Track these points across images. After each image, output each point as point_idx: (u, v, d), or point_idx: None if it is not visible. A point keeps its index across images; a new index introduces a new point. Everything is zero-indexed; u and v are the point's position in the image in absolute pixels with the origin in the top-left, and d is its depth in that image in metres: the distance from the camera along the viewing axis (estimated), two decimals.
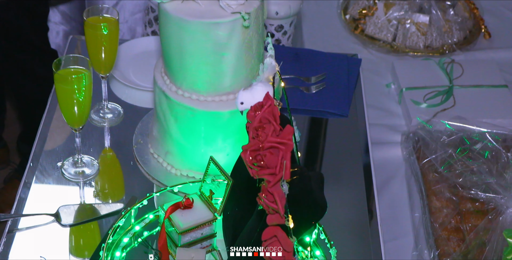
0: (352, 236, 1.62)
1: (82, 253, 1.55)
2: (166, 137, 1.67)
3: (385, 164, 1.93)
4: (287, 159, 1.10)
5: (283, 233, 1.11)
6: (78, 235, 1.58)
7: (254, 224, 1.26)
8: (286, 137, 1.12)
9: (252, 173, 1.14)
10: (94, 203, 1.63)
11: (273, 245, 1.12)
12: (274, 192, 1.10)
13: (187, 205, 1.49)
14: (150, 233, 1.56)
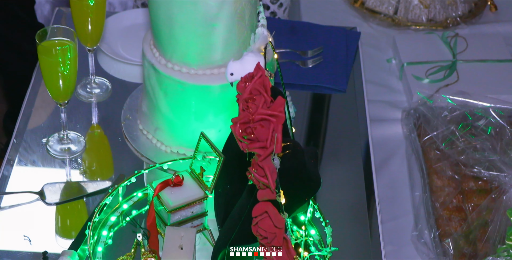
0: (349, 215, 1.62)
1: (68, 232, 1.54)
2: (156, 113, 1.66)
3: (384, 142, 1.93)
4: (279, 132, 1.10)
5: (274, 209, 1.11)
6: (64, 214, 1.58)
7: (245, 201, 1.26)
8: (278, 109, 1.11)
9: (242, 146, 1.14)
10: (81, 181, 1.63)
11: (264, 221, 1.12)
12: (264, 166, 1.09)
13: (177, 183, 1.49)
14: (138, 212, 1.56)
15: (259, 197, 1.13)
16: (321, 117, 1.85)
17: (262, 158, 1.10)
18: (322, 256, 1.46)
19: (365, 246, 1.54)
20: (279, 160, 1.12)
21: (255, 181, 1.12)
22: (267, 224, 1.11)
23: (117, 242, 1.49)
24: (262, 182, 1.10)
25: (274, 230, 1.11)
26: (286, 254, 1.12)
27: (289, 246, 1.11)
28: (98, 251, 1.44)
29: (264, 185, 1.11)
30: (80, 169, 1.66)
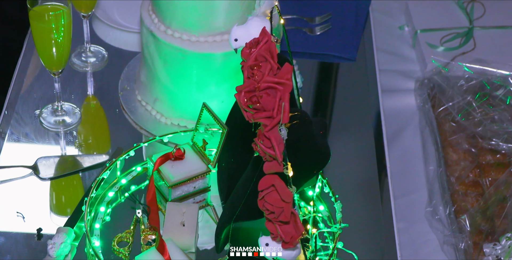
0: (360, 190, 1.62)
1: (63, 209, 1.54)
2: (155, 83, 1.65)
3: (397, 113, 1.92)
4: (286, 101, 1.09)
5: (281, 182, 1.11)
6: (59, 189, 1.58)
7: (250, 174, 1.25)
8: (285, 76, 1.10)
9: (247, 116, 1.13)
10: (76, 154, 1.62)
11: (271, 195, 1.11)
12: (271, 136, 1.09)
13: (178, 156, 1.49)
14: (137, 187, 1.56)
15: (265, 170, 1.12)
16: (330, 87, 1.84)
17: (268, 128, 1.09)
18: (331, 233, 1.46)
19: (376, 223, 1.54)
20: (287, 131, 1.11)
21: (261, 152, 1.12)
22: (274, 198, 1.11)
23: (115, 219, 1.49)
24: (269, 153, 1.10)
25: (281, 204, 1.10)
26: (294, 229, 1.12)
27: (297, 221, 1.11)
28: (96, 228, 1.44)
29: (271, 156, 1.10)
30: (76, 142, 1.65)
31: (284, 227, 1.12)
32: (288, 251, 1.16)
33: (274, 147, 1.08)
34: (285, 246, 1.14)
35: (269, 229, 1.14)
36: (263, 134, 1.10)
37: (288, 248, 1.15)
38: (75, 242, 1.44)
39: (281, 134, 1.10)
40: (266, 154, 1.11)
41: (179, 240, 1.39)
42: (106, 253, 1.41)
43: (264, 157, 1.12)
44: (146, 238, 1.44)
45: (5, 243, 1.44)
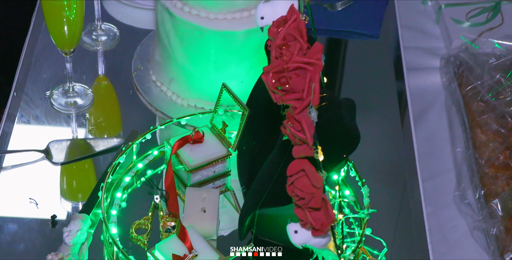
0: (386, 174, 1.62)
1: (77, 195, 1.55)
2: (171, 62, 1.65)
3: (421, 93, 1.91)
4: (316, 82, 1.09)
5: (311, 167, 1.10)
6: (71, 174, 1.58)
7: (277, 158, 1.25)
8: (315, 56, 1.10)
9: (276, 98, 1.13)
10: (89, 138, 1.63)
11: (301, 180, 1.11)
12: (301, 119, 1.08)
13: (197, 139, 1.49)
14: (154, 172, 1.56)
15: (294, 154, 1.12)
16: (353, 66, 1.84)
17: (298, 110, 1.09)
18: (357, 219, 1.46)
19: (405, 208, 1.54)
20: (317, 113, 1.11)
21: (290, 136, 1.11)
22: (304, 184, 1.11)
23: (131, 205, 1.49)
24: (299, 137, 1.09)
25: (311, 190, 1.10)
26: (325, 216, 1.12)
27: (328, 207, 1.11)
28: (113, 215, 1.45)
29: (301, 140, 1.10)
30: (88, 125, 1.65)
31: (315, 213, 1.12)
32: (318, 238, 1.16)
33: (305, 130, 1.07)
34: (316, 233, 1.14)
35: (298, 215, 1.14)
36: (293, 117, 1.09)
37: (318, 235, 1.15)
38: (90, 230, 1.44)
39: (311, 116, 1.10)
40: (295, 138, 1.10)
41: (200, 227, 1.39)
42: (123, 240, 1.41)
43: (293, 141, 1.12)
44: (165, 225, 1.44)
45: (18, 230, 1.45)
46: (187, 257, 1.32)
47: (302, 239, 1.17)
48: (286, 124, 1.11)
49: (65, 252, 1.36)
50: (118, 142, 1.60)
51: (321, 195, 1.11)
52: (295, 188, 1.13)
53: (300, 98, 1.09)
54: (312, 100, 1.09)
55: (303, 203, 1.12)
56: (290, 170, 1.13)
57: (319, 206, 1.11)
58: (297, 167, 1.12)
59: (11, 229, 1.45)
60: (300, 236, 1.17)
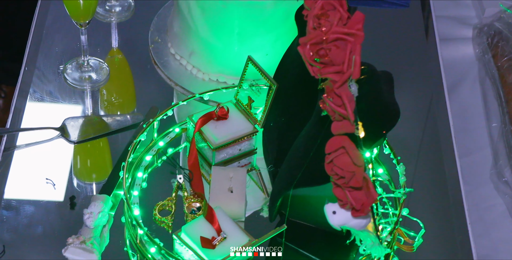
0: (421, 150, 1.61)
1: (93, 175, 1.55)
2: (191, 34, 1.65)
3: (453, 64, 1.91)
4: (357, 54, 1.08)
5: (352, 144, 1.10)
6: (88, 153, 1.58)
7: (313, 134, 1.25)
8: (355, 26, 1.09)
9: (313, 71, 1.12)
10: (107, 114, 1.63)
11: (341, 158, 1.11)
12: (342, 94, 1.08)
13: (222, 116, 1.49)
14: (175, 150, 1.56)
15: (334, 130, 1.12)
16: (383, 37, 1.83)
17: (338, 84, 1.09)
18: (393, 199, 1.46)
19: (442, 186, 1.54)
20: (357, 87, 1.10)
21: (330, 111, 1.11)
22: (344, 162, 1.11)
23: (152, 185, 1.49)
24: (339, 112, 1.09)
25: (352, 168, 1.10)
26: (366, 196, 1.12)
27: (369, 187, 1.11)
28: (134, 196, 1.45)
29: (341, 116, 1.10)
30: (104, 101, 1.65)
31: (355, 193, 1.12)
32: (358, 219, 1.17)
33: (346, 105, 1.07)
34: (356, 214, 1.14)
35: (337, 195, 1.15)
36: (333, 91, 1.09)
37: (358, 216, 1.15)
38: (111, 211, 1.44)
39: (351, 90, 1.10)
40: (335, 113, 1.10)
41: (228, 208, 1.39)
42: (146, 222, 1.41)
43: (332, 116, 1.12)
44: (190, 206, 1.45)
45: (35, 213, 1.45)
46: (215, 239, 1.32)
47: (341, 220, 1.18)
48: (325, 99, 1.11)
49: (87, 235, 1.37)
50: (136, 118, 1.60)
51: (363, 173, 1.11)
52: (334, 166, 1.13)
53: (340, 72, 1.09)
54: (353, 73, 1.09)
55: (343, 182, 1.12)
56: (329, 147, 1.13)
57: (360, 185, 1.11)
58: (336, 144, 1.12)
59: (28, 211, 1.45)
60: (338, 217, 1.18)
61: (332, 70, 1.10)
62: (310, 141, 1.25)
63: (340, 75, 1.09)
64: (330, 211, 1.18)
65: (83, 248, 1.35)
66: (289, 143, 1.40)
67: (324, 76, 1.11)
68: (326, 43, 1.10)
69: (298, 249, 1.40)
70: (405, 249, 1.40)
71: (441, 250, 1.46)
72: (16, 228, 1.43)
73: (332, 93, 1.10)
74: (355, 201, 1.13)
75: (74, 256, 1.35)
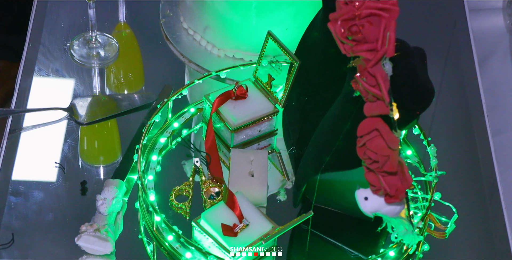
0: (452, 129, 1.61)
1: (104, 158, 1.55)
2: (205, 8, 1.64)
3: (482, 37, 1.90)
4: (392, 30, 1.08)
5: (386, 126, 1.10)
6: (98, 135, 1.59)
7: (342, 116, 1.25)
8: (390, 1, 1.09)
9: (345, 49, 1.12)
10: (117, 93, 1.63)
11: (374, 141, 1.11)
12: (376, 73, 1.08)
13: (240, 95, 1.49)
14: (190, 131, 1.56)
15: (367, 112, 1.12)
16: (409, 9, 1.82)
17: (372, 63, 1.09)
18: (423, 182, 1.47)
19: (475, 167, 1.54)
20: (391, 65, 1.10)
21: (363, 91, 1.11)
22: (377, 145, 1.11)
23: (167, 169, 1.50)
24: (373, 93, 1.09)
25: (387, 152, 1.10)
26: (401, 181, 1.12)
27: (404, 171, 1.11)
28: (149, 180, 1.45)
29: (375, 96, 1.10)
30: (113, 80, 1.65)
31: (389, 178, 1.13)
32: (392, 206, 1.17)
33: (380, 85, 1.07)
34: (390, 200, 1.15)
35: (370, 180, 1.15)
36: (366, 70, 1.09)
37: (392, 202, 1.15)
38: (125, 197, 1.45)
39: (385, 69, 1.10)
40: (369, 93, 1.10)
41: (249, 193, 1.40)
42: (162, 209, 1.42)
43: (365, 97, 1.12)
44: (209, 191, 1.45)
45: (45, 199, 1.46)
46: (237, 226, 1.33)
47: (374, 207, 1.18)
48: (358, 79, 1.11)
49: (101, 223, 1.37)
50: (149, 98, 1.60)
51: (397, 157, 1.11)
52: (367, 149, 1.13)
53: (374, 49, 1.09)
54: (387, 51, 1.09)
55: (377, 166, 1.13)
56: (361, 130, 1.13)
57: (395, 170, 1.11)
58: (369, 126, 1.12)
59: (37, 197, 1.46)
60: (371, 203, 1.18)
61: (365, 48, 1.09)
62: (340, 122, 1.25)
63: (374, 53, 1.09)
64: (361, 197, 1.19)
65: (97, 236, 1.35)
66: (313, 124, 1.40)
67: (357, 54, 1.11)
68: (358, 19, 1.09)
69: (324, 236, 1.41)
70: (436, 235, 1.41)
71: (475, 236, 1.46)
72: (25, 215, 1.43)
73: (366, 73, 1.10)
74: (389, 187, 1.13)
75: (88, 245, 1.36)
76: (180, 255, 1.36)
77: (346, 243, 1.40)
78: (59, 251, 1.39)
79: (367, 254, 1.36)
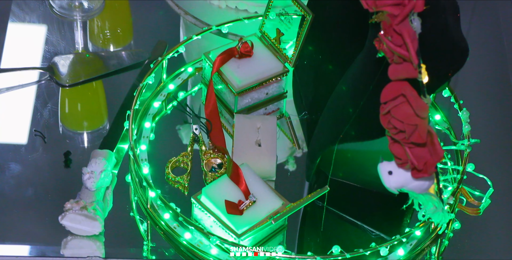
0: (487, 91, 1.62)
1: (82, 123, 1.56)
2: None
3: None
4: None
5: (413, 92, 1.11)
6: (82, 98, 1.59)
7: (364, 79, 1.25)
8: None
9: (367, 3, 1.12)
10: (103, 51, 1.63)
11: (400, 108, 1.12)
12: (403, 31, 1.08)
13: (245, 53, 1.49)
14: (187, 94, 1.57)
15: (392, 75, 1.12)
16: None
17: (398, 19, 1.09)
18: (453, 152, 1.48)
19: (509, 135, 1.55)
20: (420, 21, 1.10)
21: (388, 52, 1.11)
22: (404, 113, 1.11)
23: (162, 138, 1.51)
24: (399, 53, 1.09)
25: (415, 121, 1.11)
26: (430, 153, 1.13)
27: (435, 143, 1.11)
28: (142, 151, 1.46)
29: (401, 57, 1.10)
30: (99, 35, 1.65)
31: (417, 150, 1.13)
32: (420, 181, 1.18)
33: (408, 45, 1.07)
34: (417, 175, 1.15)
35: (395, 152, 1.16)
36: (391, 28, 1.09)
37: (420, 177, 1.16)
38: (114, 170, 1.46)
39: (413, 26, 1.10)
40: (394, 54, 1.10)
41: (256, 165, 1.41)
42: (157, 183, 1.43)
43: (390, 58, 1.12)
44: (210, 163, 1.46)
45: (24, 172, 1.46)
46: (243, 203, 1.34)
47: (399, 182, 1.19)
48: (382, 38, 1.11)
49: (88, 199, 1.38)
50: (140, 56, 1.61)
51: (427, 126, 1.12)
52: (392, 118, 1.13)
53: (401, 4, 1.09)
54: (416, 5, 1.09)
55: (403, 137, 1.13)
56: (385, 95, 1.14)
57: (424, 141, 1.12)
58: (395, 92, 1.13)
59: (13, 169, 1.46)
60: (396, 178, 1.19)
61: (390, 2, 1.10)
62: (360, 86, 1.25)
63: (401, 8, 1.09)
64: (385, 171, 1.20)
65: (84, 214, 1.36)
66: (329, 87, 1.40)
67: (381, 9, 1.11)
68: None
69: (341, 214, 1.42)
70: (469, 212, 1.42)
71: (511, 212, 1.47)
72: (2, 191, 1.44)
73: (391, 31, 1.10)
74: (417, 160, 1.14)
75: (74, 225, 1.37)
76: (178, 235, 1.37)
77: (366, 221, 1.42)
78: (41, 231, 1.40)
79: (390, 234, 1.37)
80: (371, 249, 1.31)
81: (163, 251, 1.38)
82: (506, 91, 1.61)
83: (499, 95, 1.62)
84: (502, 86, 1.62)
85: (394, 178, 1.19)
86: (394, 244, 1.33)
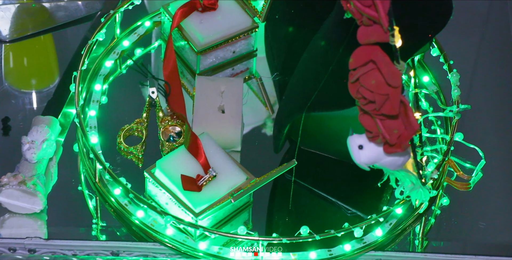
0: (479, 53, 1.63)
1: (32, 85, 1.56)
2: None
3: None
4: None
5: (385, 57, 1.11)
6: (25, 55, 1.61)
7: (333, 42, 1.26)
8: None
9: None
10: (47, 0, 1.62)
11: (370, 76, 1.12)
12: None
13: (209, 5, 1.49)
14: (144, 51, 1.58)
15: (361, 38, 1.13)
16: None
17: None
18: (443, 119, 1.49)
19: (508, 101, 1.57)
20: None
21: (356, 13, 1.12)
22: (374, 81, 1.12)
23: (116, 102, 1.52)
24: (368, 15, 1.10)
25: (385, 90, 1.11)
26: (405, 126, 1.13)
27: (408, 114, 1.11)
28: (91, 117, 1.47)
29: (370, 19, 1.11)
30: None
31: (389, 122, 1.13)
32: (393, 157, 1.19)
33: (377, 5, 1.08)
34: (389, 150, 1.16)
35: (365, 125, 1.16)
36: None
37: (393, 152, 1.17)
38: (59, 138, 1.47)
39: None
40: (363, 16, 1.11)
41: (219, 135, 1.42)
42: (108, 154, 1.44)
43: (359, 20, 1.13)
44: (167, 131, 1.47)
45: None
46: (202, 178, 1.35)
47: (370, 158, 1.20)
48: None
49: (27, 173, 1.39)
50: (91, 8, 1.62)
51: (399, 96, 1.12)
52: (361, 87, 1.14)
53: None
54: None
55: (373, 108, 1.14)
56: (354, 61, 1.14)
57: (396, 113, 1.12)
58: (364, 57, 1.13)
59: None
60: (367, 153, 1.19)
61: None
62: (331, 49, 1.26)
63: None
64: (355, 145, 1.20)
65: (22, 190, 1.37)
66: (303, 45, 1.40)
67: None
68: None
69: (313, 189, 1.44)
70: (458, 186, 1.44)
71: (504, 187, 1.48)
72: None
73: None
74: (389, 133, 1.15)
75: (11, 201, 1.38)
76: (130, 214, 1.38)
77: (342, 198, 1.43)
78: None
79: (368, 212, 1.38)
80: (344, 230, 1.32)
81: (114, 231, 1.39)
82: (502, 52, 1.64)
83: (490, 56, 1.64)
84: (498, 47, 1.65)
85: (365, 153, 1.19)
86: (370, 224, 1.34)
